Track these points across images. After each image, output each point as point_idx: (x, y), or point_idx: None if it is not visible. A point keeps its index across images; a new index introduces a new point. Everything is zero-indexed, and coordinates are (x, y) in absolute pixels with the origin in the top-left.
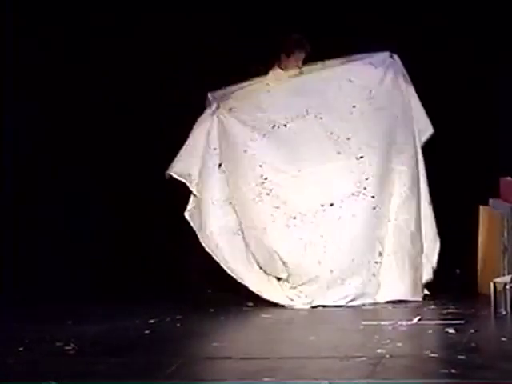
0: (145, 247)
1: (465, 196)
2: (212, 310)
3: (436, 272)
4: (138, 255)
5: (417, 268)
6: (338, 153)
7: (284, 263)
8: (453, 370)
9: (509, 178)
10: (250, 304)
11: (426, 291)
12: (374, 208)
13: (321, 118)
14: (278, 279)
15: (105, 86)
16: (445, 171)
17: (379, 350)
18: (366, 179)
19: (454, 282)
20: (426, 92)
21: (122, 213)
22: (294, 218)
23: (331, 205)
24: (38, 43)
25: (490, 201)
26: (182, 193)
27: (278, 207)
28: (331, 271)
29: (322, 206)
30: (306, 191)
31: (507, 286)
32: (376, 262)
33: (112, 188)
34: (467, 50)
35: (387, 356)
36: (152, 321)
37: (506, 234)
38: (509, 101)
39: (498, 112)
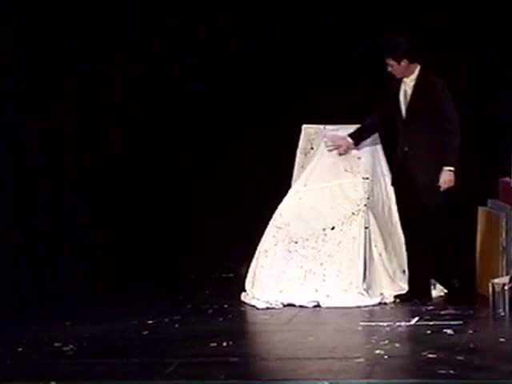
0: (144, 247)
1: (463, 197)
2: (210, 311)
3: (435, 273)
4: (136, 255)
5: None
6: (346, 170)
7: (280, 291)
8: (451, 371)
9: (507, 179)
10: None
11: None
12: (366, 228)
13: (338, 130)
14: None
15: (104, 86)
16: None
17: (377, 351)
18: (368, 198)
19: (452, 282)
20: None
21: (121, 213)
22: (296, 242)
23: (332, 228)
24: (39, 43)
25: (489, 202)
26: (182, 193)
27: (280, 228)
28: (327, 296)
29: (324, 230)
30: (309, 213)
31: (505, 287)
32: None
33: (112, 189)
34: (467, 49)
35: (385, 357)
36: (150, 321)
37: (504, 235)
38: (508, 101)
39: (497, 112)
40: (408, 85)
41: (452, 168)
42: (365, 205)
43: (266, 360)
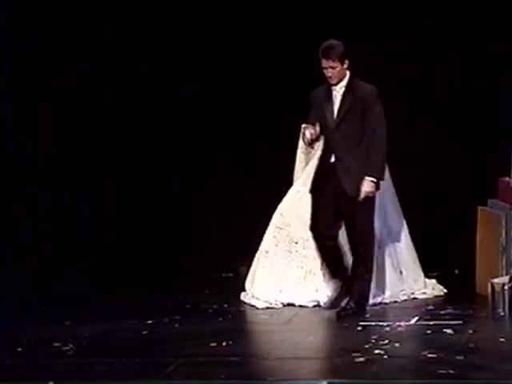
0: (144, 247)
1: (463, 196)
2: (210, 311)
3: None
4: (136, 255)
5: None
6: None
7: (280, 290)
8: (451, 371)
9: (507, 179)
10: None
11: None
12: None
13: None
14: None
15: (104, 86)
16: (444, 172)
17: (377, 351)
18: None
19: (452, 282)
20: (425, 92)
21: (121, 213)
22: (296, 242)
23: None
24: (39, 43)
25: (489, 201)
26: (182, 193)
27: (280, 228)
28: (328, 296)
29: None
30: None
31: (505, 287)
32: None
33: (112, 189)
34: (467, 49)
35: (385, 357)
36: (150, 321)
37: (504, 235)
38: (508, 101)
39: (497, 112)
40: (338, 91)
41: (374, 179)
42: None
43: (266, 360)
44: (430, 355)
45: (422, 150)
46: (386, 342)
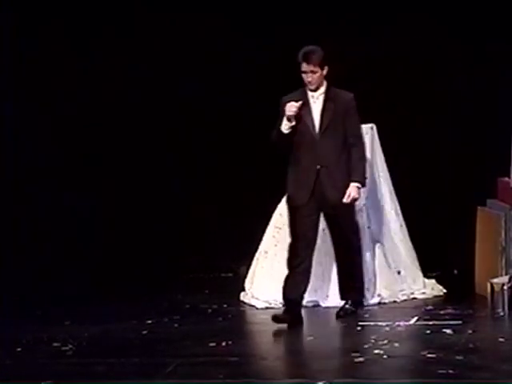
0: (144, 247)
1: (463, 197)
2: (210, 311)
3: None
4: (136, 255)
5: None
6: None
7: (280, 291)
8: (450, 371)
9: (506, 179)
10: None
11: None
12: (369, 227)
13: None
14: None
15: (104, 86)
16: (444, 172)
17: (376, 351)
18: (367, 198)
19: (451, 282)
20: (425, 92)
21: (121, 213)
22: None
23: None
24: (39, 43)
25: (488, 201)
26: (182, 193)
27: (280, 228)
28: (327, 296)
29: (323, 230)
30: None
31: (505, 287)
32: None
33: (112, 189)
34: (467, 49)
35: (385, 356)
36: (150, 321)
37: (503, 235)
38: (508, 101)
39: (497, 112)
40: (317, 98)
41: (360, 185)
42: (364, 204)
43: (266, 360)
44: (429, 355)
45: (422, 150)
46: (386, 342)
